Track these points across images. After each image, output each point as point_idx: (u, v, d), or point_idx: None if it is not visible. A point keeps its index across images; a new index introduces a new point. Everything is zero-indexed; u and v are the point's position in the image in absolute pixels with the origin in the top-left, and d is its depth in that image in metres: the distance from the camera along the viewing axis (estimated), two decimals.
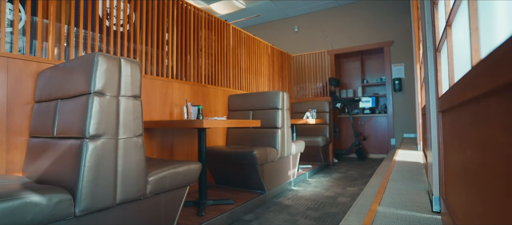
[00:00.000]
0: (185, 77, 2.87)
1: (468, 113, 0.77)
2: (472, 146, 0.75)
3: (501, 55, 0.44)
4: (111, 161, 1.25)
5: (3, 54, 1.55)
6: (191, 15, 2.93)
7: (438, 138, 1.35)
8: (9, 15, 1.69)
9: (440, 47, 1.41)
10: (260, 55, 4.27)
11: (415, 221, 1.31)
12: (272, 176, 2.73)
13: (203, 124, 1.90)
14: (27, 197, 1.00)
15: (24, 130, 1.62)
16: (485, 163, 0.63)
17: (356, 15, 5.51)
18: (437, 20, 1.47)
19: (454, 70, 1.18)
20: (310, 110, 3.90)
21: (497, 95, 0.51)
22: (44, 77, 1.57)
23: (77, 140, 1.21)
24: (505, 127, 0.48)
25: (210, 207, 2.16)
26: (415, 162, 2.92)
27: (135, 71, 1.36)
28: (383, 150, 5.32)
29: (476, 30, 0.77)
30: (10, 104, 1.57)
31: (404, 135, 5.14)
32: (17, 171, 1.59)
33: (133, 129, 1.34)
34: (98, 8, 2.12)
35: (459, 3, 1.02)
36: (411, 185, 1.99)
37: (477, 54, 0.76)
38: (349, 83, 5.97)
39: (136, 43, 2.39)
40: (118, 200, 1.28)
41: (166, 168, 1.54)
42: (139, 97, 1.39)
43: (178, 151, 2.61)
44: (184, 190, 1.71)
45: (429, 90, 1.50)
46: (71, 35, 1.96)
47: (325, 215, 2.17)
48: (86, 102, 1.20)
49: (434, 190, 1.42)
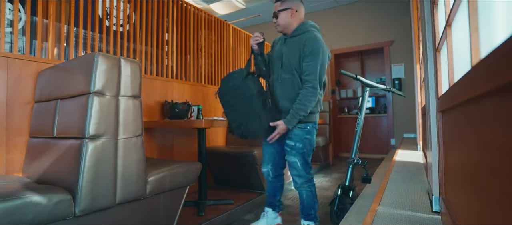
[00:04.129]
0: (185, 77, 2.87)
1: (468, 113, 0.77)
2: (472, 146, 0.75)
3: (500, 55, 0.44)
4: (111, 161, 1.25)
5: (3, 54, 1.55)
6: (191, 15, 2.93)
7: (438, 138, 1.35)
8: (9, 15, 1.69)
9: (440, 47, 1.41)
10: None
11: (415, 221, 1.31)
12: None
13: (203, 124, 1.90)
14: (27, 197, 1.00)
15: (24, 130, 1.62)
16: (485, 163, 0.63)
17: (356, 15, 5.51)
18: (437, 20, 1.47)
19: (454, 70, 1.18)
20: None
21: (497, 95, 0.51)
22: (44, 77, 1.57)
23: (77, 140, 1.21)
24: (505, 127, 0.48)
25: (210, 207, 2.16)
26: (415, 162, 2.93)
27: (135, 71, 1.36)
28: (383, 150, 5.32)
29: (476, 30, 0.77)
30: (10, 104, 1.57)
31: (404, 135, 5.14)
32: (17, 171, 1.59)
33: (133, 129, 1.34)
34: (98, 8, 2.12)
35: (459, 3, 1.02)
36: (411, 185, 1.99)
37: (477, 54, 0.76)
38: (349, 83, 5.97)
39: (136, 43, 2.39)
40: (118, 200, 1.28)
41: (166, 168, 1.54)
42: (139, 97, 1.39)
43: (178, 151, 2.61)
44: (184, 190, 1.71)
45: (429, 90, 1.50)
46: (71, 35, 1.96)
47: (325, 215, 2.17)
48: (86, 102, 1.20)
49: (434, 190, 1.42)
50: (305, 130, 1.64)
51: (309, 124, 1.64)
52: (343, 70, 2.14)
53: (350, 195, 1.83)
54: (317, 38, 1.57)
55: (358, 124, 1.94)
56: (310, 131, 1.65)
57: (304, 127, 1.64)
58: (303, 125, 1.64)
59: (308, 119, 1.63)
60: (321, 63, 1.55)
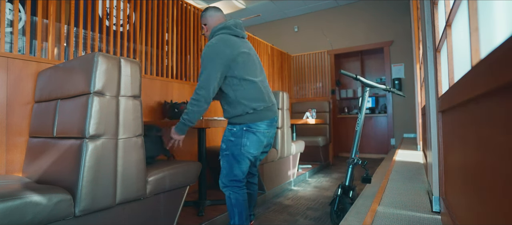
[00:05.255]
0: (185, 77, 2.87)
1: (468, 113, 0.77)
2: (472, 146, 0.75)
3: (500, 55, 0.44)
4: (111, 161, 1.25)
5: (3, 54, 1.55)
6: (191, 15, 2.93)
7: (438, 138, 1.35)
8: (9, 15, 1.69)
9: (440, 47, 1.41)
10: (260, 55, 4.27)
11: (415, 221, 1.31)
12: (272, 176, 2.73)
13: (203, 124, 1.90)
14: (27, 197, 1.00)
15: (24, 130, 1.62)
16: (485, 163, 0.63)
17: (356, 15, 5.51)
18: (437, 20, 1.47)
19: (454, 70, 1.18)
20: (310, 110, 3.90)
21: (497, 95, 0.51)
22: (44, 77, 1.57)
23: (77, 140, 1.21)
24: (505, 127, 0.48)
25: (209, 207, 2.16)
26: (415, 162, 2.93)
27: (135, 71, 1.36)
28: (383, 150, 5.32)
29: (476, 30, 0.77)
30: (10, 104, 1.57)
31: (404, 135, 5.14)
32: (17, 171, 1.59)
33: (133, 129, 1.34)
34: (98, 8, 2.12)
35: (459, 3, 1.02)
36: (411, 185, 1.99)
37: (477, 54, 0.76)
38: (349, 83, 5.97)
39: (136, 43, 2.39)
40: (118, 200, 1.28)
41: (165, 168, 1.54)
42: (139, 97, 1.39)
43: (178, 151, 2.61)
44: (184, 190, 1.71)
45: (429, 90, 1.50)
46: (71, 35, 1.96)
47: (325, 215, 2.17)
48: (86, 102, 1.20)
49: (434, 190, 1.42)
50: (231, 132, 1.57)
51: (235, 126, 1.55)
52: (343, 70, 2.14)
53: (350, 195, 1.83)
54: (208, 45, 1.53)
55: (358, 124, 1.94)
56: (235, 133, 1.55)
57: (231, 129, 1.57)
58: (230, 127, 1.58)
59: (236, 121, 1.55)
60: (210, 68, 1.47)
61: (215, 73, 1.47)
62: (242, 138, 1.53)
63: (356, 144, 1.91)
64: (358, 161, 1.88)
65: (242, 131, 1.53)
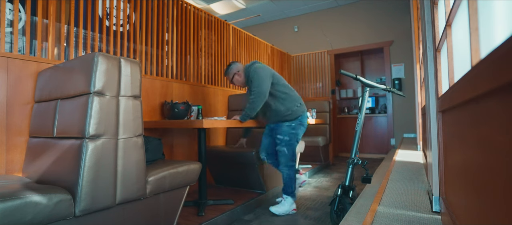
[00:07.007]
0: (185, 77, 2.87)
1: (468, 113, 0.77)
2: (472, 146, 0.75)
3: (501, 55, 0.44)
4: (111, 161, 1.25)
5: (3, 54, 1.55)
6: (191, 15, 2.93)
7: (438, 138, 1.35)
8: (9, 15, 1.69)
9: (440, 47, 1.41)
10: (260, 55, 4.28)
11: (415, 221, 1.31)
12: (272, 176, 2.74)
13: (203, 124, 1.90)
14: (27, 197, 1.00)
15: (24, 130, 1.62)
16: (485, 163, 0.63)
17: (356, 15, 5.51)
18: (437, 20, 1.47)
19: (454, 70, 1.18)
20: (310, 110, 3.90)
21: (497, 95, 0.51)
22: (44, 77, 1.57)
23: (77, 140, 1.21)
24: (505, 127, 0.48)
25: (210, 207, 2.16)
26: (415, 162, 2.93)
27: (135, 71, 1.36)
28: (383, 150, 5.32)
29: (476, 30, 0.77)
30: (10, 104, 1.57)
31: (404, 135, 5.14)
32: (17, 171, 1.59)
33: (133, 129, 1.34)
34: (98, 8, 2.12)
35: (459, 3, 1.02)
36: (411, 185, 1.99)
37: (477, 54, 0.76)
38: (349, 83, 5.97)
39: (136, 43, 2.39)
40: (118, 200, 1.28)
41: (165, 168, 1.54)
42: (139, 97, 1.39)
43: (178, 151, 2.61)
44: (184, 190, 1.71)
45: (429, 90, 1.50)
46: (71, 35, 1.96)
47: (325, 215, 2.17)
48: (86, 102, 1.20)
49: (434, 190, 1.42)
50: (290, 127, 2.27)
51: (293, 122, 2.27)
52: (343, 70, 2.17)
53: (350, 195, 1.83)
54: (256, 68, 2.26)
55: (358, 124, 1.94)
56: (295, 127, 2.27)
57: (289, 124, 2.27)
58: (288, 123, 2.27)
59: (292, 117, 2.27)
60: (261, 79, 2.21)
61: (268, 81, 2.22)
62: (298, 129, 2.28)
63: (356, 144, 1.91)
64: (358, 161, 1.88)
65: (297, 125, 2.27)
